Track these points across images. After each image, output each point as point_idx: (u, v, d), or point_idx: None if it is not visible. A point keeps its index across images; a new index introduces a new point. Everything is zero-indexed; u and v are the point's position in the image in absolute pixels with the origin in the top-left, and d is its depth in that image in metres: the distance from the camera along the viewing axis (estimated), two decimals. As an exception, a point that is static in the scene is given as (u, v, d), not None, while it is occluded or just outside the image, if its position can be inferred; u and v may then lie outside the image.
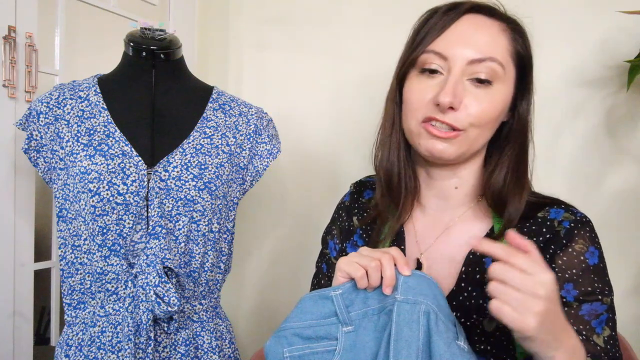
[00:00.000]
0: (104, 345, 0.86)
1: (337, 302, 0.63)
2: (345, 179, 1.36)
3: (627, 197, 1.08)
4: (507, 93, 0.68)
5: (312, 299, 0.65)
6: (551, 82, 1.12)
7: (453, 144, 0.67)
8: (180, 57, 1.01)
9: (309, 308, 0.65)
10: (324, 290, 0.64)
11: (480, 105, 0.65)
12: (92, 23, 1.35)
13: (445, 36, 0.67)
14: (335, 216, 0.86)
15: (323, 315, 0.64)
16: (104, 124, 0.90)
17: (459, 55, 0.66)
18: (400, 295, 0.59)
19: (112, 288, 0.88)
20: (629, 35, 1.05)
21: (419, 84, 0.69)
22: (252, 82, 1.49)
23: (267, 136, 1.02)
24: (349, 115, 1.35)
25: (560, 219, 0.66)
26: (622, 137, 1.08)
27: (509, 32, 0.69)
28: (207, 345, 0.93)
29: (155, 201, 0.87)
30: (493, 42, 0.67)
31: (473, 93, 0.66)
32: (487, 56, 0.65)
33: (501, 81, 0.67)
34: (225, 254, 0.98)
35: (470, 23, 0.68)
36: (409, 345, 0.56)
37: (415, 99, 0.68)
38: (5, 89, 1.01)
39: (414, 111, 0.68)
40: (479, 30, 0.67)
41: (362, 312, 0.62)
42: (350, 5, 1.34)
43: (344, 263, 0.63)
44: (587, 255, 0.64)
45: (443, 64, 0.67)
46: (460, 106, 0.65)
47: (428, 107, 0.67)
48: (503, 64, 0.66)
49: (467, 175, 0.73)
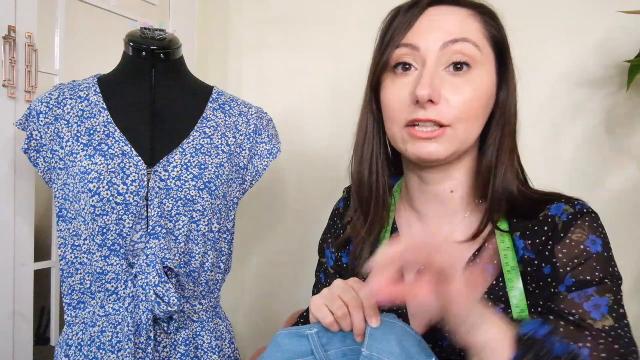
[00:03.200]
0: (104, 345, 0.86)
1: (314, 342, 0.61)
2: (345, 179, 1.36)
3: (627, 197, 1.08)
4: (488, 79, 0.64)
5: (288, 337, 0.62)
6: (551, 82, 1.12)
7: (442, 142, 0.62)
8: (180, 57, 1.01)
9: (284, 346, 0.62)
10: (300, 328, 0.62)
11: (462, 96, 0.62)
12: (92, 23, 1.35)
13: (413, 30, 0.64)
14: (331, 223, 0.84)
15: (299, 354, 0.61)
16: (104, 124, 0.90)
17: (431, 41, 0.62)
18: (366, 350, 0.57)
19: (112, 288, 0.88)
20: (629, 35, 1.05)
21: (394, 85, 0.65)
22: (252, 82, 1.49)
23: (267, 136, 1.02)
24: (348, 115, 1.35)
25: (560, 213, 0.63)
26: (622, 137, 1.08)
27: (478, 16, 0.65)
28: (207, 345, 0.93)
29: (155, 201, 0.87)
30: (463, 24, 0.63)
31: (452, 83, 0.62)
32: (460, 37, 0.62)
33: (480, 65, 0.63)
34: (225, 254, 0.98)
35: (435, 14, 0.64)
36: None
37: (394, 102, 0.65)
38: (5, 89, 1.01)
39: (395, 116, 0.65)
40: (446, 17, 0.64)
41: (341, 351, 0.60)
42: (350, 6, 1.34)
43: (315, 307, 0.61)
44: (588, 243, 0.60)
45: (416, 56, 0.63)
46: (440, 99, 0.61)
47: (408, 109, 0.63)
48: (478, 45, 0.63)
49: (462, 177, 0.69)
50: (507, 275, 0.63)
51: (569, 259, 0.60)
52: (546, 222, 0.63)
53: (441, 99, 0.61)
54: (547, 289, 0.61)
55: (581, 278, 0.59)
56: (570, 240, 0.61)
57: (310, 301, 0.62)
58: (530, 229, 0.64)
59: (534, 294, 0.62)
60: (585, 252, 0.60)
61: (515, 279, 0.63)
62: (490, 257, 0.65)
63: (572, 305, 0.58)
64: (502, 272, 0.64)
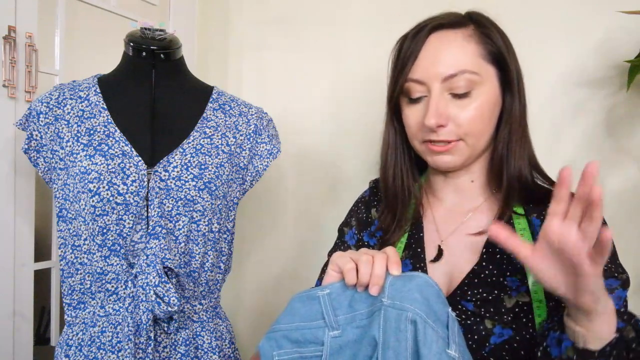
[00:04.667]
0: (104, 345, 0.86)
1: (324, 303, 0.61)
2: (345, 179, 1.37)
3: (627, 197, 1.08)
4: (490, 92, 0.73)
5: (300, 300, 0.63)
6: (551, 82, 1.12)
7: (454, 153, 0.73)
8: (180, 57, 1.01)
9: (297, 309, 0.63)
10: (312, 290, 0.63)
11: (467, 113, 0.71)
12: (92, 23, 1.35)
13: (418, 62, 0.73)
14: (355, 209, 0.90)
15: (310, 317, 0.62)
16: (104, 124, 0.90)
17: (433, 77, 0.71)
18: (387, 299, 0.57)
19: (112, 288, 0.88)
20: (629, 35, 1.05)
21: (410, 111, 0.76)
22: (252, 82, 1.49)
23: (267, 136, 1.02)
24: (348, 115, 1.35)
25: None
26: (622, 137, 1.08)
27: (475, 36, 0.73)
28: (207, 345, 0.93)
29: (155, 201, 0.87)
30: (461, 53, 0.71)
31: (457, 104, 0.71)
32: (459, 70, 0.70)
33: (480, 85, 0.71)
34: (225, 254, 0.98)
35: (436, 43, 0.72)
36: (397, 356, 0.54)
37: (411, 124, 0.76)
38: (5, 89, 1.01)
39: (413, 134, 0.76)
40: (445, 47, 0.72)
41: (350, 316, 0.60)
42: (350, 6, 1.34)
43: (337, 256, 0.63)
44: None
45: (423, 89, 0.73)
46: (447, 122, 0.71)
47: (422, 131, 0.73)
48: (476, 72, 0.71)
49: (480, 169, 0.78)
50: None
51: None
52: None
53: (449, 121, 0.71)
54: None
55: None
56: None
57: (332, 257, 0.64)
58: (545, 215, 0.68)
59: None
60: None
61: None
62: None
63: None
64: None
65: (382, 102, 0.81)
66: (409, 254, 0.79)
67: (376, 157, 0.85)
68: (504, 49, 0.74)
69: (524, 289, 0.68)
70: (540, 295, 0.67)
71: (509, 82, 0.74)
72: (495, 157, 0.76)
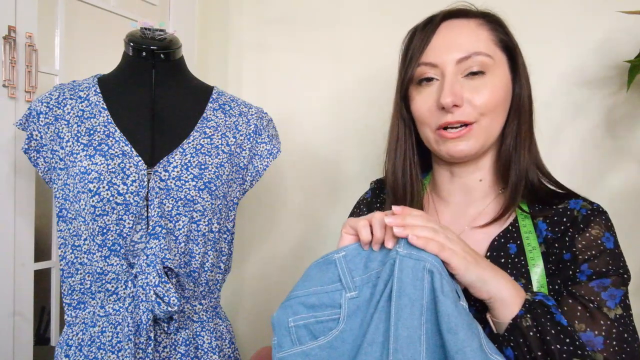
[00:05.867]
0: (104, 345, 0.86)
1: (341, 266, 0.62)
2: (345, 179, 1.37)
3: (627, 197, 1.08)
4: (503, 78, 0.73)
5: (317, 266, 0.64)
6: (551, 82, 1.12)
7: (470, 138, 0.71)
8: (180, 57, 1.01)
9: (313, 275, 0.64)
10: (328, 254, 0.63)
11: (482, 95, 0.70)
12: (92, 23, 1.35)
13: (430, 47, 0.73)
14: (356, 211, 0.90)
15: (327, 281, 0.62)
16: (104, 124, 0.90)
17: (447, 59, 0.71)
18: (403, 250, 0.57)
19: (112, 288, 0.88)
20: (629, 35, 1.05)
21: (420, 95, 0.74)
22: (252, 82, 1.49)
23: (267, 136, 1.02)
24: (349, 115, 1.35)
25: (579, 207, 0.70)
26: (622, 137, 1.08)
27: (486, 24, 0.74)
28: (207, 345, 0.93)
29: (155, 201, 0.87)
30: (474, 37, 0.71)
31: (471, 86, 0.71)
32: (472, 52, 0.70)
33: (493, 69, 0.71)
34: (225, 254, 0.98)
35: (448, 29, 0.73)
36: (412, 304, 0.55)
37: (423, 110, 0.74)
38: (5, 89, 1.01)
39: (426, 122, 0.74)
40: (458, 32, 0.72)
41: (367, 276, 0.61)
42: (351, 6, 1.34)
43: (350, 220, 0.65)
44: (604, 239, 0.67)
45: (436, 71, 0.72)
46: (463, 102, 0.70)
47: (437, 115, 0.72)
48: (490, 54, 0.71)
49: (488, 166, 0.78)
50: (528, 254, 0.70)
51: (587, 249, 0.66)
52: (565, 214, 0.70)
53: (464, 101, 0.70)
54: (564, 272, 0.67)
55: (597, 269, 0.65)
56: (589, 234, 0.67)
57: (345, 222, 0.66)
58: (550, 217, 0.71)
59: (554, 275, 0.68)
60: (602, 247, 0.66)
61: (537, 257, 0.69)
62: (514, 238, 0.72)
63: (592, 292, 0.64)
64: (524, 251, 0.70)
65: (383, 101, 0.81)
66: None
67: (376, 157, 0.85)
68: (513, 40, 0.75)
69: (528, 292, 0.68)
70: None
71: (518, 72, 0.74)
72: (504, 150, 0.75)
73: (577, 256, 0.66)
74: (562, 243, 0.68)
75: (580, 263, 0.66)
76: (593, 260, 0.66)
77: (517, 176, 0.73)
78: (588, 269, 0.65)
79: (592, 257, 0.66)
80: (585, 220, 0.68)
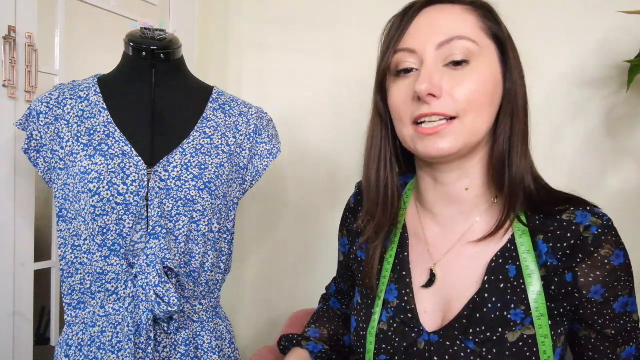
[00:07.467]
0: (104, 345, 0.86)
1: None
2: (345, 179, 1.37)
3: (627, 197, 1.08)
4: (490, 69, 0.64)
5: None
6: (551, 82, 1.12)
7: (449, 135, 0.62)
8: (180, 57, 1.01)
9: None
10: None
11: (464, 87, 0.62)
12: (92, 23, 1.35)
13: (408, 33, 0.65)
14: (344, 217, 0.87)
15: None
16: (104, 124, 0.90)
17: (426, 43, 0.63)
18: None
19: (112, 288, 0.88)
20: (629, 35, 1.05)
21: (397, 87, 0.66)
22: (252, 82, 1.49)
23: (267, 136, 1.02)
24: (348, 115, 1.35)
25: (587, 223, 0.63)
26: (622, 137, 1.08)
27: (474, 10, 0.65)
28: (207, 345, 0.93)
29: (155, 201, 0.87)
30: (458, 21, 0.63)
31: (453, 76, 0.62)
32: (455, 35, 0.62)
33: (479, 57, 0.63)
34: (225, 254, 0.98)
35: (429, 13, 0.65)
36: None
37: (398, 102, 0.66)
38: (5, 89, 1.01)
39: (401, 115, 0.66)
40: (440, 15, 0.64)
41: None
42: (350, 6, 1.34)
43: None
44: (612, 258, 0.62)
45: (414, 59, 0.64)
46: (441, 93, 0.61)
47: (412, 107, 0.63)
48: (475, 40, 0.63)
49: (476, 174, 0.68)
50: (527, 278, 0.64)
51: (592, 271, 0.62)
52: (570, 229, 0.63)
53: (443, 92, 0.61)
54: (570, 297, 0.63)
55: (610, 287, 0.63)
56: (598, 255, 0.62)
57: None
58: (553, 232, 0.64)
59: (557, 299, 0.64)
60: (608, 266, 0.62)
61: (535, 282, 0.63)
62: (513, 258, 0.65)
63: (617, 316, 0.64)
64: (523, 274, 0.64)
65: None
66: (394, 277, 0.71)
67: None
68: (504, 30, 0.67)
69: (528, 320, 0.62)
70: (545, 330, 0.62)
71: (510, 65, 0.66)
72: (496, 154, 0.66)
73: (580, 279, 0.62)
74: (565, 264, 0.63)
75: (590, 285, 0.62)
76: (604, 280, 0.62)
77: (513, 183, 0.64)
78: (601, 289, 0.62)
79: (602, 277, 0.62)
80: (596, 242, 0.62)
